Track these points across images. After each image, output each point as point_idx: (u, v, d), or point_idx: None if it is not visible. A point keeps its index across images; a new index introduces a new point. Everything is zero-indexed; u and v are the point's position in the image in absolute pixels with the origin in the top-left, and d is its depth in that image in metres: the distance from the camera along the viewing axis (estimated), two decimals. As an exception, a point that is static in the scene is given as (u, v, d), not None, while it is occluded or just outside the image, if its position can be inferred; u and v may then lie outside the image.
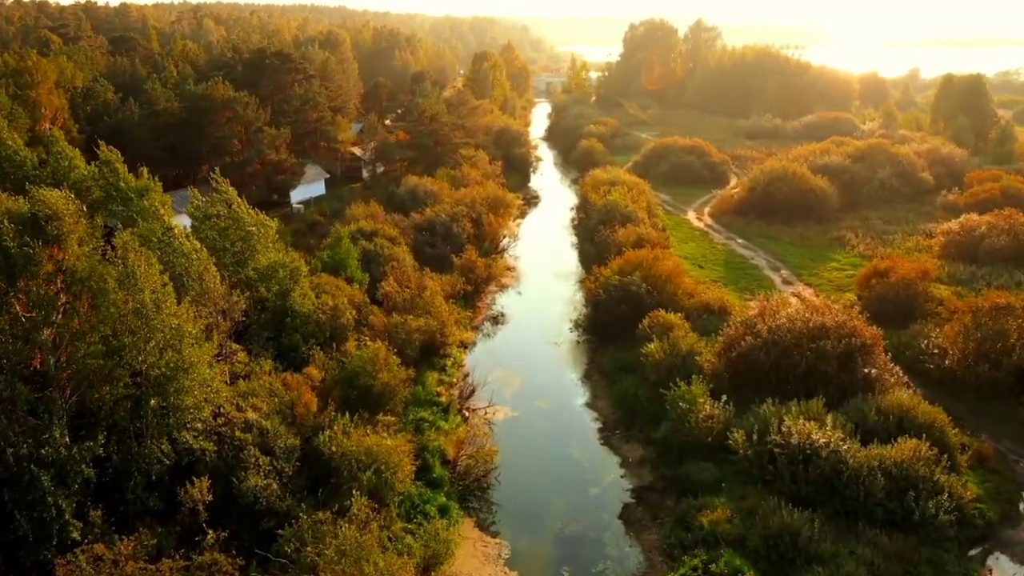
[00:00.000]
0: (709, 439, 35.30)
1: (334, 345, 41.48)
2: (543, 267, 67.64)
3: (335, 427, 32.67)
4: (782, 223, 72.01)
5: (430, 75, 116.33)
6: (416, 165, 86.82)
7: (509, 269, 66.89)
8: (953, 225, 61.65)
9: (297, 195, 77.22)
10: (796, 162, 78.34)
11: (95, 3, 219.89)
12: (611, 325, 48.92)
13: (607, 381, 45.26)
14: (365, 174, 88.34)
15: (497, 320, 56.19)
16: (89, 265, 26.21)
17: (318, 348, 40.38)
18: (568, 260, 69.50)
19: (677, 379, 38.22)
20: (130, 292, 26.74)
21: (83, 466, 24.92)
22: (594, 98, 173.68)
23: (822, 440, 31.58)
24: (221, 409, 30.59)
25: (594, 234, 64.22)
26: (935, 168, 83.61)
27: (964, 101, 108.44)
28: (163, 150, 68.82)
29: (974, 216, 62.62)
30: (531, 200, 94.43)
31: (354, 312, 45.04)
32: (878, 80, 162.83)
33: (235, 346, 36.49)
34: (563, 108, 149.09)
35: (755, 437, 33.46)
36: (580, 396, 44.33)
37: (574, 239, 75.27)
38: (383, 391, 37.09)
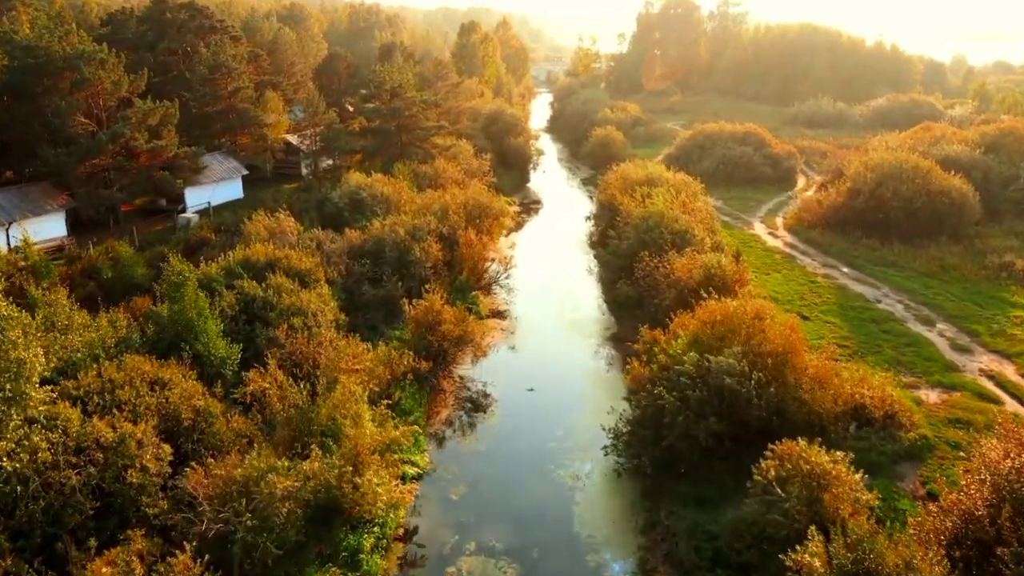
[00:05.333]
0: None
1: (92, 545, 18.39)
2: (550, 311, 44.43)
3: None
4: (900, 241, 48.80)
5: (404, 48, 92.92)
6: (375, 158, 63.66)
7: (498, 315, 43.63)
8: None
9: (197, 198, 53.89)
10: (911, 153, 54.79)
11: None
12: (686, 449, 25.80)
13: (691, 590, 21.99)
14: (305, 170, 64.98)
15: (475, 411, 33.17)
16: None
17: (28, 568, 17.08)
18: (587, 300, 46.25)
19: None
20: None
21: None
22: (603, 85, 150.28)
23: None
24: None
25: (632, 262, 40.89)
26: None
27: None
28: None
29: None
30: (530, 206, 71.20)
31: (165, 451, 21.73)
32: (935, 63, 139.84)
33: None
34: (569, 93, 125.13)
35: None
36: (638, 634, 21.04)
37: (593, 263, 52.08)
38: None
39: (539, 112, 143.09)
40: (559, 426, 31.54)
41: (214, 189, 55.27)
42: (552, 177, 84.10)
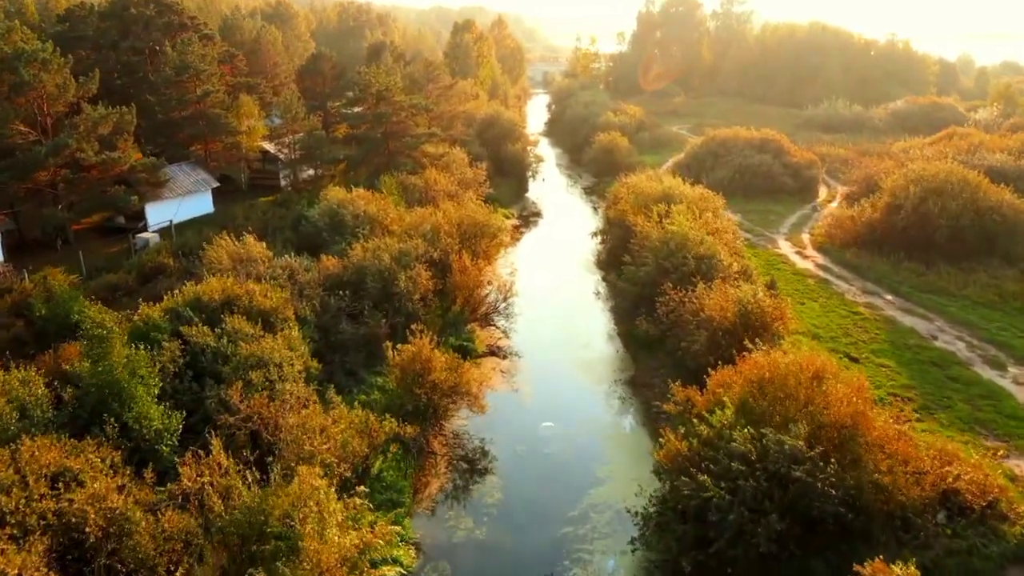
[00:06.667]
0: None
1: None
2: (556, 348, 39.05)
3: None
4: (947, 263, 43.59)
5: (394, 48, 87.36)
6: (360, 168, 58.14)
7: (497, 351, 38.21)
8: None
9: (161, 214, 48.29)
10: (952, 162, 49.49)
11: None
12: (739, 553, 20.44)
13: None
14: (284, 181, 59.40)
15: (472, 479, 27.88)
16: None
17: None
18: (598, 333, 40.87)
19: None
20: None
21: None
22: (602, 86, 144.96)
23: None
24: None
25: (651, 291, 35.51)
26: None
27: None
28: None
29: None
30: (530, 219, 65.89)
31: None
32: (946, 63, 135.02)
33: None
34: (568, 95, 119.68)
35: None
36: None
37: (602, 287, 46.76)
38: None
39: (535, 114, 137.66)
40: (573, 503, 26.14)
41: (180, 204, 49.66)
42: (552, 186, 78.66)
